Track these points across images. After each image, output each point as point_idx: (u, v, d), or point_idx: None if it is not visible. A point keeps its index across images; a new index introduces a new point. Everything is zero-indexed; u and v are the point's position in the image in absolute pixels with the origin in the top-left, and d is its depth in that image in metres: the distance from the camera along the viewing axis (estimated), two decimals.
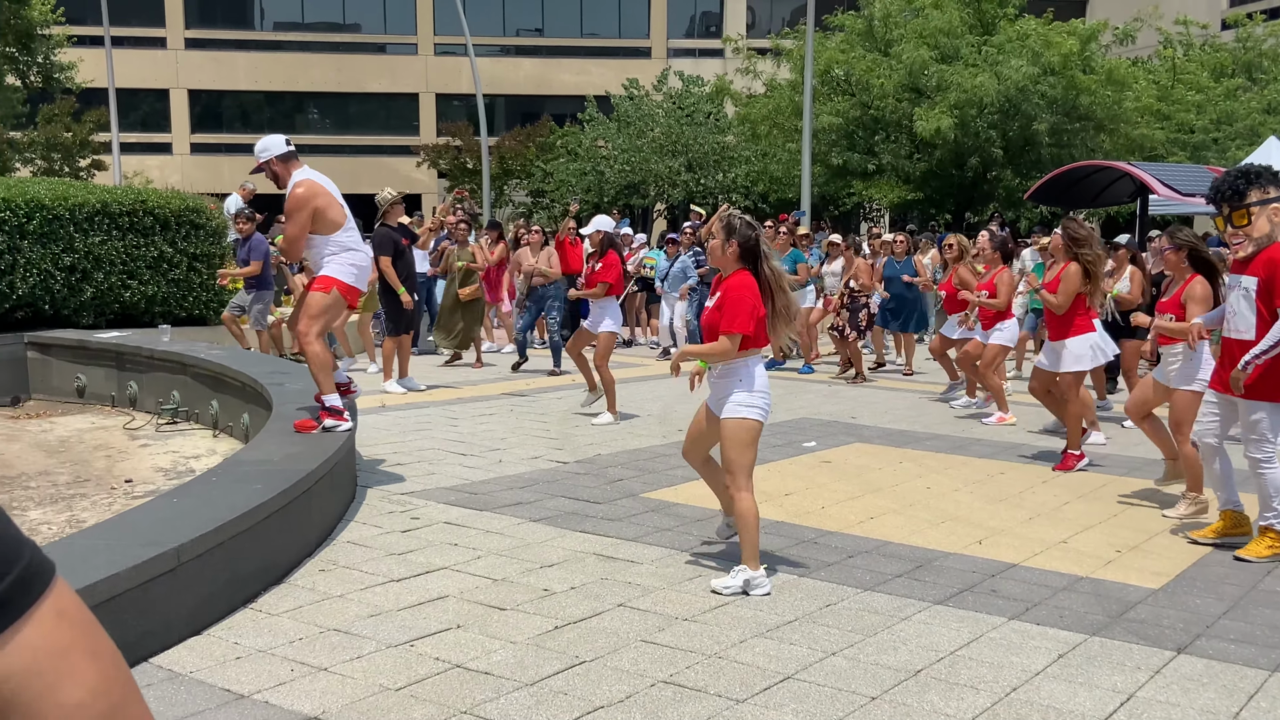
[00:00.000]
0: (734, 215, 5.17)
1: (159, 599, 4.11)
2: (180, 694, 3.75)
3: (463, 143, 38.95)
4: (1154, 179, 16.65)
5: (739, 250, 5.02)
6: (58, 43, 36.78)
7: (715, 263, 5.16)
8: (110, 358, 10.19)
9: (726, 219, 5.12)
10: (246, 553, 4.72)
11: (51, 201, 11.22)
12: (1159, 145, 29.17)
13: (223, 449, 8.07)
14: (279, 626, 4.42)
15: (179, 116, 49.62)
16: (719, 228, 5.13)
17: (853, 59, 28.55)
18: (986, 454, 8.36)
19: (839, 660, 4.16)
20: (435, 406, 10.30)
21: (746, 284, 4.98)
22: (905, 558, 5.55)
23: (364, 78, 49.81)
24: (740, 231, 5.03)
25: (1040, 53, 26.49)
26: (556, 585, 5.01)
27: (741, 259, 5.04)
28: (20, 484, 7.02)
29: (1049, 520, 6.38)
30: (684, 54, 49.91)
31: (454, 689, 3.83)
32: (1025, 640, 4.40)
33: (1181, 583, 5.22)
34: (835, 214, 34.80)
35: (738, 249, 5.02)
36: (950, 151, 27.60)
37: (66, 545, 4.33)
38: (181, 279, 12.41)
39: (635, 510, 6.42)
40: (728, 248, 5.03)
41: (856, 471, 7.65)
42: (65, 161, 34.95)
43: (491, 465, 7.62)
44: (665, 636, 4.38)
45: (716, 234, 5.14)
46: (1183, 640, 4.43)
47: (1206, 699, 3.86)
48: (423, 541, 5.67)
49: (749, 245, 5.03)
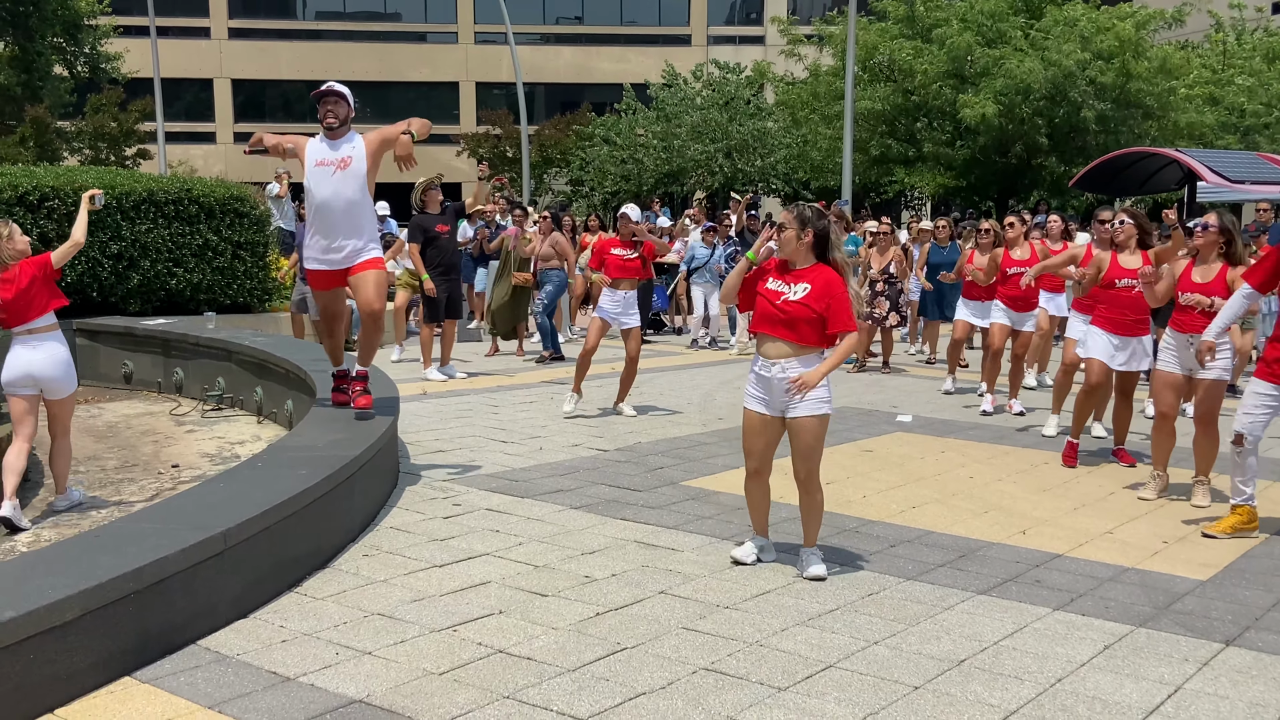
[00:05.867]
0: (805, 206, 5.09)
1: (206, 582, 4.16)
2: (228, 676, 3.80)
3: (502, 131, 39.02)
4: (1202, 165, 16.40)
5: (813, 241, 4.97)
6: (104, 33, 37.28)
7: (787, 254, 4.99)
8: (156, 344, 10.33)
9: (799, 209, 5.00)
10: (292, 537, 4.77)
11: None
12: (1208, 130, 28.66)
13: (267, 435, 8.16)
14: (324, 610, 4.46)
15: (222, 106, 50.14)
16: (791, 218, 4.97)
17: (895, 46, 28.27)
18: (1030, 444, 8.27)
19: (881, 649, 4.14)
20: (476, 394, 10.35)
21: (838, 280, 4.93)
22: (948, 547, 5.51)
23: (405, 67, 50.03)
24: (815, 222, 4.96)
25: (1090, 37, 26.07)
26: (597, 572, 5.02)
27: (814, 249, 4.99)
28: (70, 469, 7.13)
29: (1094, 511, 6.32)
30: (724, 41, 49.73)
31: (496, 674, 3.86)
32: (1070, 631, 4.36)
33: (1229, 574, 5.15)
34: (877, 202, 34.52)
35: (813, 239, 4.97)
36: (994, 138, 27.27)
37: (116, 529, 4.39)
38: (226, 266, 12.55)
39: (676, 498, 6.42)
40: (804, 237, 4.94)
41: (899, 461, 7.60)
42: (112, 150, 35.37)
43: (532, 452, 7.65)
44: (706, 624, 4.38)
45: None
46: (1231, 632, 4.38)
47: (1256, 691, 3.81)
48: (465, 528, 5.71)
49: (823, 235, 4.98)
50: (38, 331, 6.00)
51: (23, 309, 5.95)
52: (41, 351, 5.97)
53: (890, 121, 29.24)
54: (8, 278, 5.93)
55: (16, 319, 5.97)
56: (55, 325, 6.10)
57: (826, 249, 4.97)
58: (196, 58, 48.51)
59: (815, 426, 4.94)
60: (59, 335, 6.10)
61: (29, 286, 5.94)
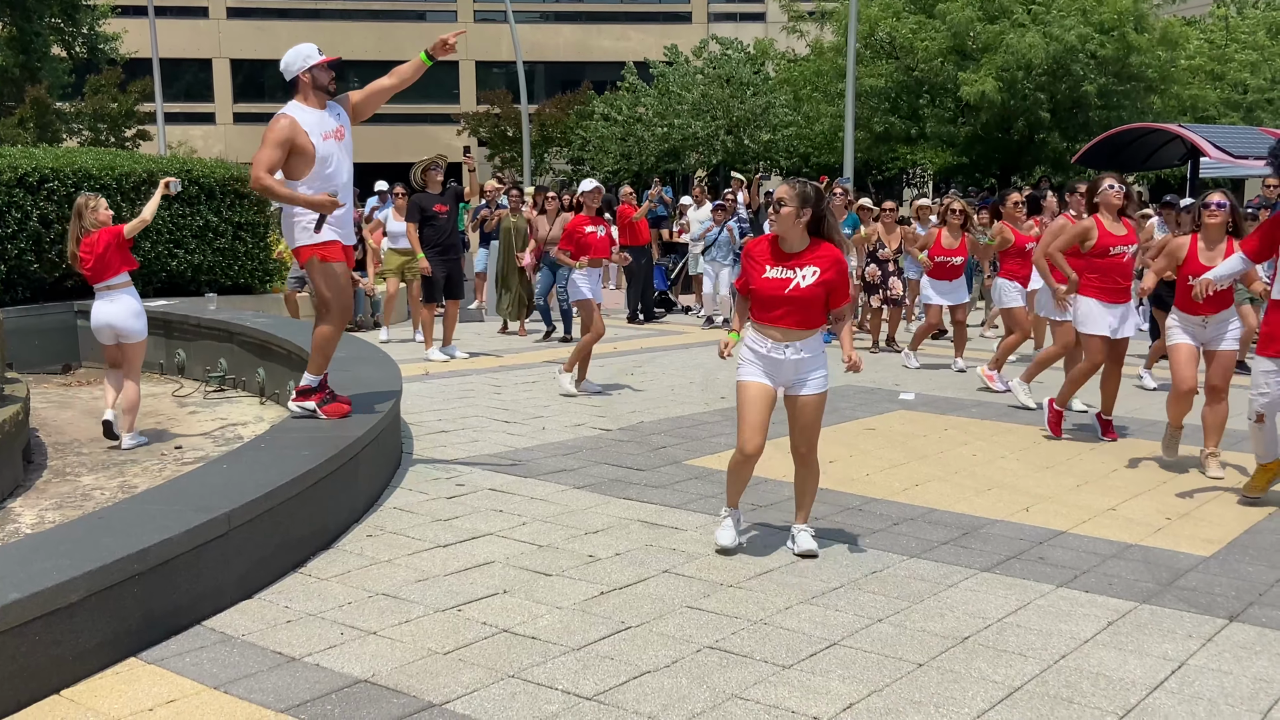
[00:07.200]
0: (807, 184, 5.01)
1: (211, 563, 4.17)
2: (233, 656, 3.81)
3: (502, 110, 38.90)
4: (1206, 141, 16.35)
5: (810, 221, 4.89)
6: (102, 14, 37.09)
7: (784, 231, 4.88)
8: (158, 326, 10.30)
9: (800, 187, 4.90)
10: (296, 518, 4.77)
11: (99, 171, 11.35)
12: (1211, 106, 28.54)
13: (270, 416, 8.16)
14: (328, 591, 4.47)
15: (222, 86, 49.95)
16: (792, 195, 4.84)
17: (897, 23, 28.12)
18: (1032, 421, 8.27)
19: (885, 627, 4.15)
20: (478, 374, 10.34)
21: (841, 254, 4.91)
22: (951, 525, 5.51)
23: (404, 45, 49.61)
24: (815, 203, 4.91)
25: (1091, 11, 25.93)
26: (601, 551, 5.03)
27: (809, 228, 4.93)
28: (73, 450, 7.14)
29: (1097, 487, 6.32)
30: (724, 18, 49.47)
31: (501, 653, 3.87)
32: (1074, 608, 4.36)
33: (1233, 550, 5.15)
34: (878, 179, 34.42)
35: (810, 219, 4.91)
36: (996, 115, 27.17)
37: (120, 510, 4.40)
38: (227, 248, 12.53)
39: (678, 477, 6.42)
40: (802, 216, 4.85)
41: (901, 439, 7.60)
42: (111, 132, 35.29)
43: (535, 432, 7.65)
44: (710, 602, 4.39)
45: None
46: (1235, 608, 4.38)
47: (1260, 667, 3.81)
48: (468, 508, 5.71)
49: (820, 213, 4.93)
50: (115, 288, 7.26)
51: (101, 269, 7.18)
52: (117, 304, 7.25)
53: (892, 99, 29.13)
54: (89, 242, 7.16)
55: (97, 277, 7.21)
56: (129, 283, 7.35)
57: (821, 228, 4.93)
58: (195, 38, 48.30)
59: (820, 403, 4.97)
60: (132, 291, 7.37)
61: (104, 251, 7.15)
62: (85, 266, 7.21)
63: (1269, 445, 5.92)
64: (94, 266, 7.19)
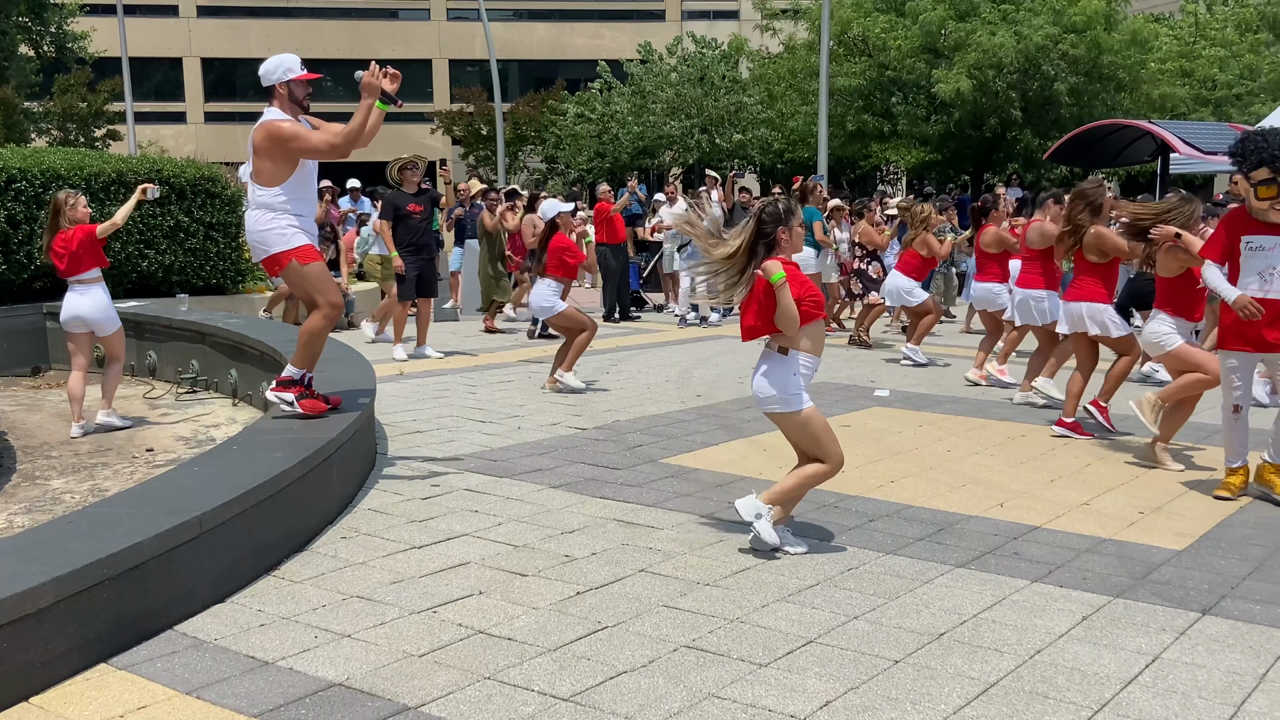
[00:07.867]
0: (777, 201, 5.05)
1: (182, 567, 4.12)
2: (205, 661, 3.77)
3: (476, 108, 38.76)
4: (1175, 137, 16.48)
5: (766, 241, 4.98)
6: (70, 12, 36.73)
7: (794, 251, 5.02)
8: (129, 327, 10.19)
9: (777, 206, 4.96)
10: (269, 520, 4.73)
11: (67, 171, 11.23)
12: (1181, 103, 28.77)
13: (242, 418, 8.10)
14: (302, 594, 4.44)
15: (192, 85, 49.53)
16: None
17: (869, 21, 28.20)
18: (1007, 416, 8.31)
19: (861, 624, 4.15)
20: (453, 374, 10.30)
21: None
22: (926, 521, 5.53)
23: (377, 44, 49.50)
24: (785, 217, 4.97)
25: (1062, 11, 26.10)
26: (577, 551, 5.01)
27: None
28: (42, 453, 7.06)
29: (1071, 482, 6.35)
30: (698, 16, 49.45)
31: (477, 655, 3.84)
32: (1049, 603, 4.38)
33: (1205, 544, 5.19)
34: (852, 177, 34.54)
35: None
36: (968, 112, 27.30)
37: (90, 514, 4.34)
38: (198, 248, 12.43)
39: (655, 476, 6.41)
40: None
41: (876, 435, 7.62)
42: (81, 131, 34.96)
43: (510, 432, 7.62)
44: (687, 601, 4.38)
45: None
46: (1207, 601, 4.41)
47: (1232, 660, 3.84)
48: (443, 508, 5.68)
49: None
50: (85, 282, 7.66)
51: (74, 264, 7.59)
52: (88, 298, 7.66)
53: (866, 97, 29.21)
54: (65, 238, 7.56)
55: (70, 271, 7.60)
56: (100, 278, 7.76)
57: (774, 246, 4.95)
58: (165, 36, 47.86)
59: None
60: (102, 286, 7.77)
61: (78, 248, 7.56)
62: (59, 261, 7.56)
63: (1240, 445, 5.98)
64: (68, 262, 7.55)
